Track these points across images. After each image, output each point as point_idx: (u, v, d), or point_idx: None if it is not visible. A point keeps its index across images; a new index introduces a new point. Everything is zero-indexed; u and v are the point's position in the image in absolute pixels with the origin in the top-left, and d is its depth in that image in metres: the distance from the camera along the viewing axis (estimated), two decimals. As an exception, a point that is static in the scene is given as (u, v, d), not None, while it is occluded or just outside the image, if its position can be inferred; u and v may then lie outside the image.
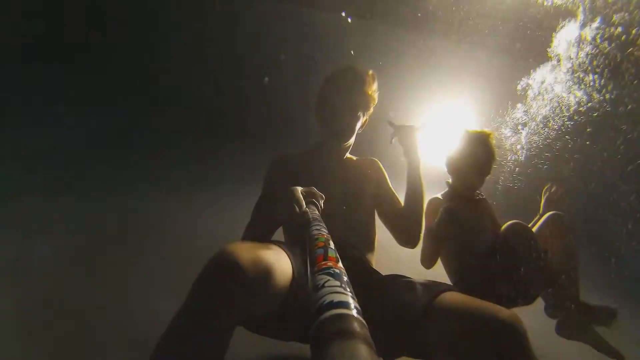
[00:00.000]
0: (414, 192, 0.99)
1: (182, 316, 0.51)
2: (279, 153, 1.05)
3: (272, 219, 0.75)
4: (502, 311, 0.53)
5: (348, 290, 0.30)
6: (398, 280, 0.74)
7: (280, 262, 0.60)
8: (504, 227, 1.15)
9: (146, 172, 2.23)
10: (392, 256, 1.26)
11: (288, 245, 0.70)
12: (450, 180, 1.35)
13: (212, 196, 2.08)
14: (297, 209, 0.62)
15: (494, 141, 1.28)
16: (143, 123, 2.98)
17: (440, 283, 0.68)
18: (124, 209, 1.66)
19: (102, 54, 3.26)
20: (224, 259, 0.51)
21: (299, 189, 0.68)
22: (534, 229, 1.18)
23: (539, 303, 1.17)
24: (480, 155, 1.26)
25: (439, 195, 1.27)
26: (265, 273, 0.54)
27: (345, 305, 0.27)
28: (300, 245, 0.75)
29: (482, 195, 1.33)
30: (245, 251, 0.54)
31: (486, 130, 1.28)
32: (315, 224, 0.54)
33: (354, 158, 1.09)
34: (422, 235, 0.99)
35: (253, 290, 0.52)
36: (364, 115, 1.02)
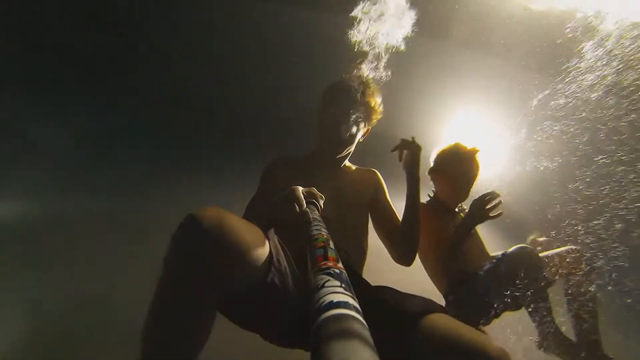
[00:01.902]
0: (412, 210, 0.96)
1: (156, 289, 0.51)
2: (278, 156, 1.04)
3: (268, 219, 0.74)
4: (491, 346, 0.51)
5: (348, 290, 0.30)
6: (387, 292, 0.73)
7: (251, 231, 0.57)
8: (511, 249, 1.14)
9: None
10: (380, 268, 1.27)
11: (267, 231, 0.66)
12: (433, 190, 1.37)
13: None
14: (298, 209, 0.61)
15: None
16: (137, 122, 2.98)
17: (427, 300, 0.66)
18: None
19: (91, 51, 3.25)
20: (188, 221, 0.50)
21: (300, 188, 0.67)
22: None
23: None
24: (472, 170, 1.29)
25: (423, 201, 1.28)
26: (232, 236, 0.51)
27: (346, 305, 0.26)
28: (294, 245, 0.74)
29: (463, 208, 1.35)
30: (211, 213, 0.51)
31: (475, 147, 1.30)
32: (315, 224, 0.54)
33: (353, 167, 1.08)
34: (416, 254, 0.97)
35: (220, 251, 0.49)
36: (365, 126, 1.01)
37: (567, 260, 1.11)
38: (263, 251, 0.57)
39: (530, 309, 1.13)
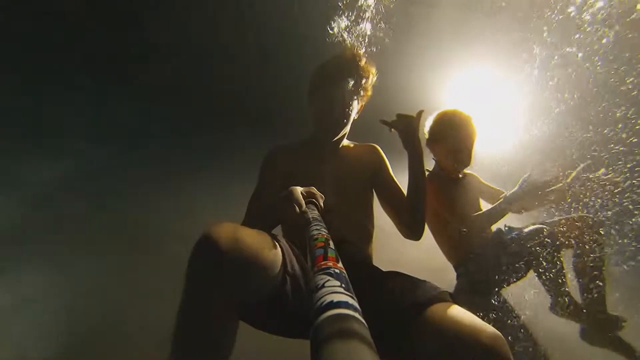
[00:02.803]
0: (417, 185, 0.93)
1: (180, 303, 0.52)
2: (274, 146, 1.02)
3: (270, 218, 0.74)
4: (485, 332, 0.52)
5: (348, 290, 0.30)
6: (397, 279, 0.73)
7: (264, 244, 0.58)
8: (527, 230, 1.14)
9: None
10: (395, 248, 1.25)
11: (277, 236, 0.68)
12: (433, 159, 1.36)
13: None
14: (297, 209, 0.61)
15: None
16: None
17: (433, 289, 0.66)
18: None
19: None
20: (203, 241, 0.51)
21: (299, 188, 0.67)
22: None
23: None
24: (470, 134, 1.28)
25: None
26: (247, 253, 0.52)
27: (346, 305, 0.26)
28: (298, 243, 0.74)
29: (466, 173, 1.36)
30: (226, 231, 0.52)
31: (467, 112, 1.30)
32: (315, 223, 0.54)
33: (352, 145, 1.05)
34: (424, 228, 0.94)
35: (236, 270, 0.51)
36: (359, 102, 0.98)
37: (577, 226, 1.10)
38: (277, 261, 0.59)
39: (539, 276, 1.13)
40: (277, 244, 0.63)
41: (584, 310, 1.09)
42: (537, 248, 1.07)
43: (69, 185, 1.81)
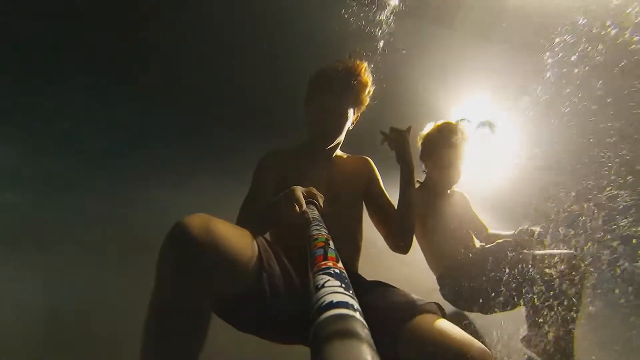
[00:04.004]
0: (407, 198, 0.94)
1: (152, 292, 0.52)
2: (267, 152, 1.03)
3: (269, 218, 0.74)
4: (474, 347, 0.51)
5: (349, 290, 0.30)
6: (382, 289, 0.73)
7: (238, 236, 0.57)
8: (496, 243, 1.18)
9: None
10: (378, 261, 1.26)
11: (254, 234, 0.67)
12: (425, 171, 1.39)
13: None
14: (297, 209, 0.61)
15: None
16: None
17: (417, 301, 0.66)
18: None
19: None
20: (175, 229, 0.50)
21: (300, 188, 0.67)
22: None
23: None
24: (461, 154, 1.31)
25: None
26: (219, 243, 0.51)
27: (346, 305, 0.26)
28: (290, 245, 0.74)
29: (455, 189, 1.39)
30: (199, 221, 0.52)
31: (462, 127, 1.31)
32: (315, 224, 0.54)
33: (344, 156, 1.06)
34: (412, 241, 0.95)
35: (207, 258, 0.50)
36: (354, 113, 0.99)
37: (562, 262, 1.11)
38: (252, 256, 0.58)
39: (528, 306, 1.14)
40: (253, 239, 0.62)
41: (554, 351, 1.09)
42: (556, 275, 1.07)
43: (68, 181, 1.81)
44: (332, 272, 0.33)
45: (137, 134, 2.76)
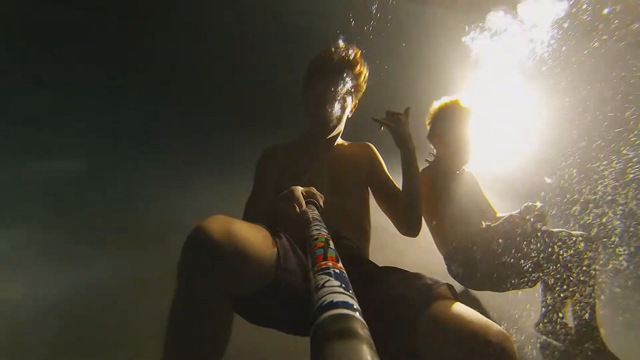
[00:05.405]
0: (411, 182, 0.92)
1: (173, 296, 0.52)
2: (268, 146, 1.02)
3: (269, 218, 0.74)
4: (492, 330, 0.51)
5: (348, 290, 0.30)
6: (395, 275, 0.72)
7: (258, 237, 0.57)
8: (502, 220, 1.15)
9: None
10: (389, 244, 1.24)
11: (272, 229, 0.67)
12: (434, 154, 1.36)
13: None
14: (297, 209, 0.61)
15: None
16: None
17: (436, 281, 0.65)
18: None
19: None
20: (196, 233, 0.50)
21: (299, 188, 0.67)
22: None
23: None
24: (469, 132, 1.26)
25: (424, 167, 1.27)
26: (240, 245, 0.52)
27: (346, 305, 0.26)
28: (294, 244, 0.74)
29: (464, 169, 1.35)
30: (219, 223, 0.52)
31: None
32: (315, 223, 0.54)
33: (346, 143, 1.05)
34: (421, 224, 0.94)
35: (229, 262, 0.50)
36: (352, 100, 0.98)
37: (580, 242, 1.08)
38: (272, 255, 0.58)
39: (547, 288, 1.12)
40: (272, 237, 0.62)
41: (574, 336, 1.06)
42: (566, 256, 1.04)
43: (74, 181, 1.81)
44: (332, 272, 0.34)
45: (139, 133, 2.77)
